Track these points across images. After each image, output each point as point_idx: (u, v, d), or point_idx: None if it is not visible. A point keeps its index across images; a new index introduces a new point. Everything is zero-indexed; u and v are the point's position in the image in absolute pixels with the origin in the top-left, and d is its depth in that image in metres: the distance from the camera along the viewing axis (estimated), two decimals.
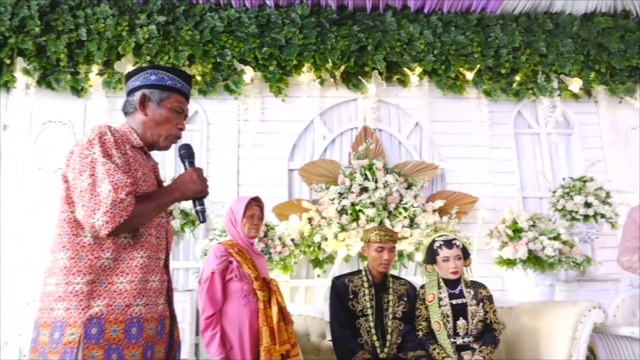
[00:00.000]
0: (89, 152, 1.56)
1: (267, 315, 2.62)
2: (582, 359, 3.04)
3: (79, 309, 1.49)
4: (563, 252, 3.89)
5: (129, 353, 1.53)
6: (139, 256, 1.60)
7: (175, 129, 1.79)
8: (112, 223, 1.48)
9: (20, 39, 4.33)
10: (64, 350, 1.47)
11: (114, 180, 1.51)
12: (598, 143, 5.02)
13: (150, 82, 1.77)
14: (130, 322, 1.55)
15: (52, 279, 1.55)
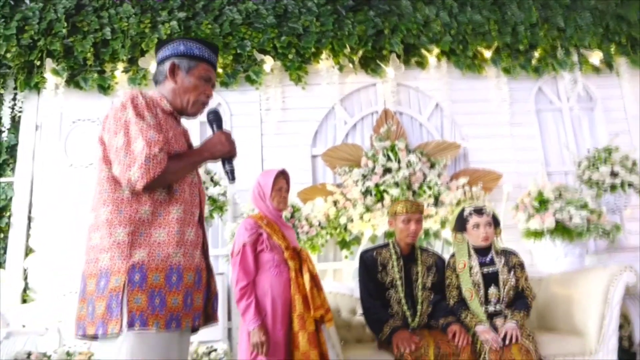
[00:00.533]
0: (122, 114, 1.65)
1: (299, 283, 2.65)
2: (615, 320, 3.02)
3: (122, 258, 1.58)
4: (591, 220, 3.87)
5: (171, 298, 1.60)
6: (175, 210, 1.68)
7: (203, 95, 1.87)
8: (146, 176, 1.57)
9: (49, 41, 4.51)
10: (109, 295, 1.55)
11: (147, 137, 1.60)
12: (622, 115, 4.98)
13: (179, 52, 1.85)
14: (170, 271, 1.63)
15: (96, 233, 1.63)
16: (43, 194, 4.50)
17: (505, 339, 2.74)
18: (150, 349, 1.55)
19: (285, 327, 2.60)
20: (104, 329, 1.53)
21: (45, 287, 4.23)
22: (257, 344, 2.50)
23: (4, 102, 4.62)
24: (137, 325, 1.52)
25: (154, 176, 1.58)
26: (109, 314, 1.53)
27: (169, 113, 1.81)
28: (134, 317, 1.52)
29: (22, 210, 4.45)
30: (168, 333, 1.59)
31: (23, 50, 4.51)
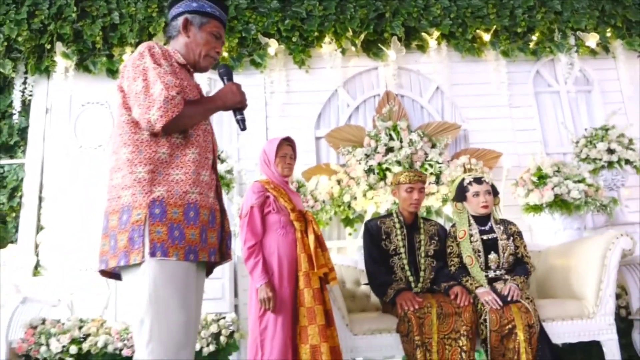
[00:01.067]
0: (140, 62, 1.74)
1: (305, 243, 2.74)
2: (613, 284, 3.10)
3: (143, 194, 1.67)
4: (589, 194, 3.97)
5: (189, 232, 1.71)
6: (190, 152, 1.78)
7: (214, 51, 1.95)
8: (165, 117, 1.65)
9: (59, 25, 4.64)
10: (131, 228, 1.65)
11: (164, 81, 1.69)
12: (619, 98, 5.09)
13: (191, 8, 1.93)
14: (188, 206, 1.73)
15: (117, 173, 1.73)
16: (53, 174, 4.62)
17: (507, 298, 2.83)
18: (170, 276, 1.64)
19: (292, 285, 2.68)
20: (127, 259, 1.63)
21: (55, 263, 4.34)
22: (265, 300, 2.58)
23: (15, 85, 4.74)
24: (159, 254, 1.62)
25: (172, 116, 1.66)
26: (131, 245, 1.63)
27: (182, 65, 1.90)
28: (155, 246, 1.62)
29: (33, 191, 4.57)
30: (187, 263, 1.68)
31: (34, 35, 4.64)
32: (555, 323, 3.03)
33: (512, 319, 2.76)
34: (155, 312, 1.62)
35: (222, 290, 3.86)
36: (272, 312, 2.61)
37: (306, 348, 2.56)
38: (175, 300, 1.65)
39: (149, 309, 1.62)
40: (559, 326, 3.04)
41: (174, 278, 1.66)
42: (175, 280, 1.66)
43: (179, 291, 1.66)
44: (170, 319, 1.63)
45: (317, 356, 2.55)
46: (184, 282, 1.69)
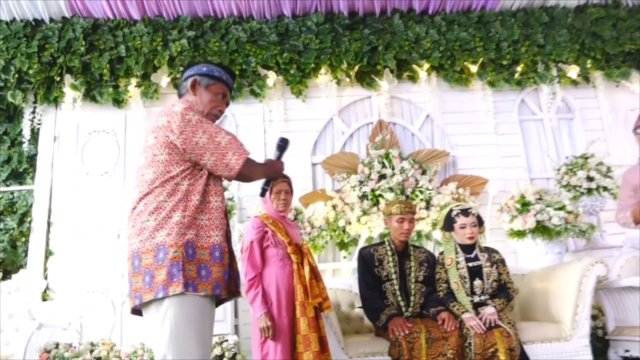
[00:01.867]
0: (189, 117, 1.99)
1: (301, 274, 2.94)
2: (588, 308, 3.35)
3: (179, 235, 1.89)
4: (569, 221, 4.24)
5: (215, 270, 1.95)
6: (214, 200, 2.02)
7: (216, 109, 2.20)
8: (241, 159, 1.96)
9: (68, 58, 4.87)
10: (170, 264, 1.85)
11: (225, 132, 2.00)
12: (599, 125, 5.36)
13: (201, 72, 2.20)
14: (213, 248, 1.96)
15: (151, 216, 1.92)
16: (61, 200, 4.83)
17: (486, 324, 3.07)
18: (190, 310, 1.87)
19: (290, 314, 2.89)
20: (165, 291, 1.83)
21: (64, 286, 4.54)
22: (264, 329, 2.80)
23: (24, 115, 4.96)
24: (191, 290, 1.85)
25: (246, 158, 1.97)
26: (169, 278, 1.83)
27: None
28: (188, 282, 1.84)
29: (42, 216, 4.77)
30: (205, 299, 1.91)
31: (44, 67, 4.86)
32: (535, 345, 3.27)
33: (494, 343, 2.99)
34: (177, 347, 1.82)
35: (223, 313, 4.06)
36: (272, 339, 2.83)
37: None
38: (195, 335, 1.86)
39: (170, 343, 1.82)
40: (538, 348, 3.28)
41: (194, 313, 1.87)
42: (194, 316, 1.87)
43: (198, 326, 1.88)
44: (190, 353, 1.83)
45: None
46: (202, 317, 1.90)
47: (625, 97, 5.43)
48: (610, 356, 3.68)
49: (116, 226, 4.59)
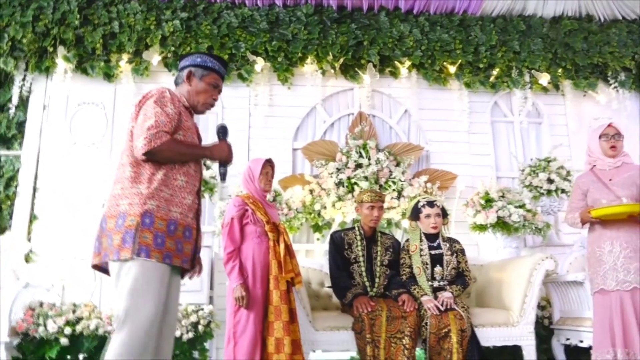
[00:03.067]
0: (148, 101, 2.15)
1: (276, 251, 3.18)
2: (535, 298, 3.67)
3: (138, 205, 2.05)
4: (527, 218, 4.56)
5: (169, 241, 2.10)
6: (180, 179, 2.17)
7: (210, 99, 2.36)
8: (147, 146, 2.04)
9: (62, 30, 4.99)
10: (125, 231, 2.02)
11: (158, 119, 2.09)
12: (564, 131, 5.70)
13: (196, 62, 2.34)
14: (170, 221, 2.11)
15: (118, 185, 2.12)
16: (48, 167, 4.97)
17: (443, 306, 3.37)
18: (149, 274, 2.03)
19: (264, 287, 3.14)
20: (118, 255, 2.01)
21: (47, 250, 4.71)
22: (239, 298, 3.05)
23: (15, 82, 5.07)
24: (143, 255, 2.01)
25: (153, 147, 2.04)
26: (122, 244, 2.01)
27: (185, 107, 2.30)
28: (141, 248, 2.01)
29: (28, 181, 4.91)
30: (163, 266, 2.06)
31: (37, 37, 4.96)
32: (485, 329, 3.59)
33: (448, 324, 3.29)
34: (132, 301, 1.99)
35: (200, 284, 4.28)
36: (245, 308, 3.08)
37: (272, 340, 3.03)
38: (150, 294, 2.01)
39: (127, 297, 1.99)
40: (488, 331, 3.60)
41: (151, 277, 2.03)
42: (151, 278, 2.03)
43: (153, 289, 2.02)
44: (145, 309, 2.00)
45: (280, 347, 3.02)
46: (159, 280, 2.06)
47: (590, 106, 5.78)
48: (553, 343, 4.02)
49: (100, 196, 4.75)
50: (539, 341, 3.74)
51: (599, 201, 3.18)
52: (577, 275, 3.74)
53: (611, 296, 3.06)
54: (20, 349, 3.65)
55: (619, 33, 5.78)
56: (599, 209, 3.11)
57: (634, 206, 3.01)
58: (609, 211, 3.07)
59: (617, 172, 3.20)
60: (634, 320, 2.95)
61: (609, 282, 3.08)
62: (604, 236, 3.17)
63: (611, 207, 3.07)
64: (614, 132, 3.28)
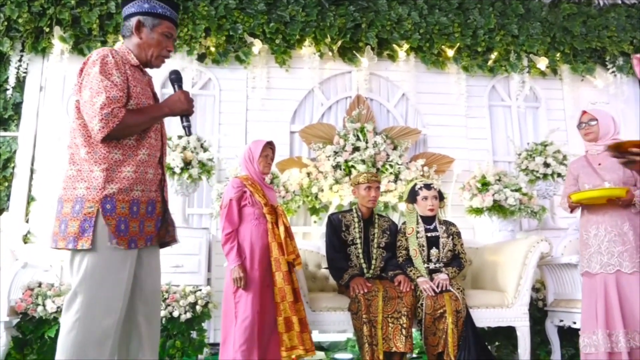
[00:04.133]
0: (91, 70, 1.92)
1: (275, 233, 3.22)
2: (530, 280, 3.72)
3: (97, 189, 1.89)
4: (523, 202, 4.60)
5: (132, 225, 1.97)
6: (142, 153, 2.01)
7: (165, 50, 2.12)
8: (106, 128, 1.85)
9: (58, 10, 4.94)
10: (83, 218, 1.87)
11: (109, 95, 1.86)
12: (561, 115, 5.72)
13: (143, 9, 2.07)
14: (133, 202, 1.97)
15: (74, 166, 1.94)
16: (45, 148, 4.96)
17: (438, 287, 3.41)
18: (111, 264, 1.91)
19: (261, 268, 3.17)
20: (75, 244, 1.86)
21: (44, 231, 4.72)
22: (237, 279, 3.09)
23: (11, 62, 5.03)
24: (108, 244, 1.88)
25: (112, 128, 1.85)
26: (80, 232, 1.86)
27: (135, 66, 2.06)
28: (104, 237, 1.88)
29: (25, 163, 4.91)
30: (126, 251, 1.94)
31: (33, 17, 4.92)
32: (480, 310, 3.63)
33: (443, 305, 3.33)
34: (89, 290, 1.87)
35: (198, 265, 4.33)
36: (243, 289, 3.11)
37: (280, 320, 3.10)
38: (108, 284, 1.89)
39: (82, 285, 1.87)
40: (483, 312, 3.64)
41: (111, 265, 1.91)
42: (112, 267, 1.91)
43: (113, 276, 1.90)
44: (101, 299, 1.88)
45: (290, 326, 3.10)
46: (121, 268, 1.93)
47: (588, 91, 5.79)
48: (547, 324, 4.08)
49: None
50: (533, 322, 3.79)
51: (584, 186, 3.21)
52: (571, 257, 3.77)
53: (596, 279, 3.11)
54: (19, 329, 3.68)
55: (617, 17, 5.77)
56: (577, 193, 3.14)
57: (611, 190, 3.01)
58: (585, 195, 3.09)
59: (606, 155, 3.22)
60: (617, 302, 2.99)
61: (593, 265, 3.13)
62: (590, 220, 3.21)
63: (587, 191, 3.10)
64: (587, 119, 3.29)
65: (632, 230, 3.02)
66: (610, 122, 3.24)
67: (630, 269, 2.97)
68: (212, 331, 4.58)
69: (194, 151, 4.46)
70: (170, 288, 3.85)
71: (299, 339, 3.07)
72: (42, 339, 3.66)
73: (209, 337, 4.38)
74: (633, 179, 3.07)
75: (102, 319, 1.88)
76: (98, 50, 1.98)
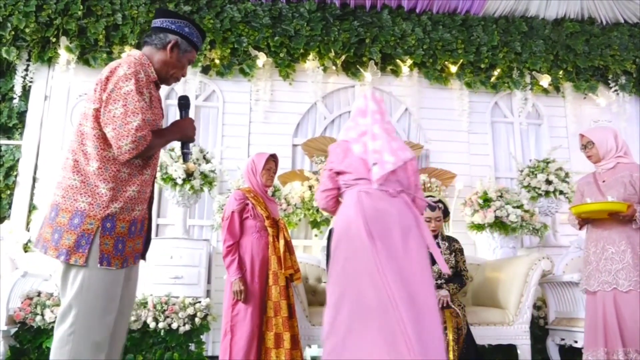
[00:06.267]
0: (124, 85, 1.87)
1: (276, 246, 3.21)
2: (531, 298, 3.71)
3: (100, 207, 1.88)
4: (524, 219, 4.59)
5: (129, 244, 1.98)
6: (146, 173, 2.02)
7: (181, 74, 2.17)
8: (135, 151, 1.85)
9: (65, 20, 4.99)
10: (81, 234, 1.85)
11: (144, 117, 1.86)
12: (564, 133, 5.73)
13: (184, 32, 2.10)
14: (133, 222, 1.99)
15: (78, 176, 1.89)
16: (48, 158, 4.98)
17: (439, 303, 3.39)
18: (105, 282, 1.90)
19: (261, 281, 3.17)
20: (67, 257, 1.83)
21: None
22: (237, 292, 3.08)
23: (17, 71, 5.07)
24: (105, 264, 1.88)
25: (141, 150, 1.86)
26: (75, 247, 1.84)
27: (153, 81, 2.05)
28: (103, 256, 1.87)
29: (28, 171, 4.93)
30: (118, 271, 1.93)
31: (40, 27, 4.96)
32: (481, 327, 3.62)
33: (444, 321, 3.31)
34: (84, 304, 1.86)
35: (197, 277, 4.32)
36: (243, 302, 3.10)
37: (271, 335, 3.06)
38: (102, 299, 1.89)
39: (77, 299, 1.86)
40: (484, 330, 3.63)
41: (106, 282, 1.90)
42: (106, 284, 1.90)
43: (107, 293, 1.90)
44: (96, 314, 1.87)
45: (280, 343, 3.06)
46: (114, 285, 1.94)
47: (590, 109, 5.80)
48: (548, 343, 4.05)
49: None
50: (533, 341, 3.77)
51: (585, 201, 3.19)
52: (572, 276, 3.76)
53: (596, 296, 3.09)
54: (17, 338, 3.67)
55: (620, 36, 5.80)
56: (577, 206, 3.11)
57: (611, 204, 2.98)
58: (585, 208, 3.06)
59: (611, 173, 3.21)
60: (614, 320, 2.97)
61: (592, 282, 3.11)
62: (591, 238, 3.20)
63: (587, 204, 3.06)
64: (585, 142, 3.28)
65: (630, 248, 3.00)
66: (608, 139, 3.23)
67: (627, 287, 2.96)
68: (210, 344, 4.55)
69: (197, 162, 4.48)
70: (170, 299, 3.84)
71: (287, 356, 3.03)
72: (40, 349, 3.65)
73: (208, 349, 4.35)
74: (636, 197, 3.06)
75: (96, 333, 1.88)
76: (128, 62, 1.93)
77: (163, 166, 4.36)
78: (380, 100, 2.53)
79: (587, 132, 3.32)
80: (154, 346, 3.76)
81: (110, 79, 1.89)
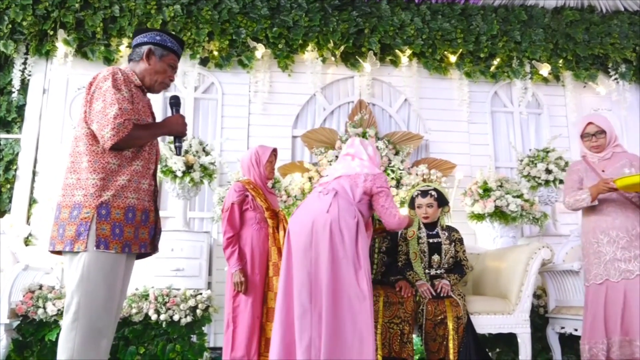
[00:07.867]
0: (104, 84, 2.08)
1: (276, 238, 3.24)
2: (532, 287, 3.71)
3: (93, 197, 2.04)
4: (524, 208, 4.59)
5: (127, 230, 2.11)
6: (136, 164, 2.16)
7: (167, 79, 2.33)
8: (116, 137, 2.01)
9: (62, 13, 4.96)
10: (80, 223, 2.01)
11: (121, 107, 2.04)
12: (564, 122, 5.72)
13: (155, 40, 2.28)
14: (128, 208, 2.11)
15: (73, 174, 2.09)
16: (47, 151, 4.97)
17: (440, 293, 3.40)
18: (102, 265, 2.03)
19: (262, 273, 3.19)
20: (71, 247, 2.00)
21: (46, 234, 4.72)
22: (237, 283, 3.10)
23: (15, 65, 5.05)
24: (102, 247, 2.01)
25: (122, 137, 2.01)
26: (76, 236, 2.00)
27: (138, 87, 2.23)
28: (100, 240, 2.01)
29: (28, 165, 4.92)
30: (118, 255, 2.07)
31: (38, 20, 4.94)
32: (481, 316, 3.62)
33: (444, 311, 3.32)
34: (84, 291, 1.99)
35: (199, 269, 4.33)
36: (244, 293, 3.12)
37: (271, 325, 3.07)
38: (103, 285, 2.02)
39: (79, 287, 1.99)
40: (483, 319, 3.63)
41: (105, 267, 2.03)
42: (106, 269, 2.03)
43: (107, 278, 2.03)
44: (97, 300, 2.00)
45: None
46: (114, 271, 2.07)
47: (590, 97, 5.79)
48: (548, 331, 4.07)
49: None
50: (534, 329, 3.78)
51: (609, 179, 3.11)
52: (572, 264, 3.77)
53: (616, 286, 3.07)
54: (19, 331, 3.68)
55: (620, 24, 5.77)
56: (623, 178, 2.94)
57: None
58: (634, 180, 2.88)
59: (608, 163, 3.20)
60: (637, 309, 2.96)
61: (612, 272, 3.08)
62: (600, 226, 3.17)
63: (635, 175, 2.90)
64: (594, 131, 3.22)
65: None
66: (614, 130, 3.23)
67: None
68: (212, 335, 4.57)
69: (196, 155, 4.47)
70: (171, 292, 3.85)
71: None
72: (43, 342, 3.66)
73: (209, 341, 4.37)
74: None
75: (98, 319, 2.01)
76: (107, 68, 2.14)
77: (163, 159, 4.36)
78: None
79: (597, 121, 3.26)
80: (155, 338, 3.77)
81: (92, 84, 2.12)
